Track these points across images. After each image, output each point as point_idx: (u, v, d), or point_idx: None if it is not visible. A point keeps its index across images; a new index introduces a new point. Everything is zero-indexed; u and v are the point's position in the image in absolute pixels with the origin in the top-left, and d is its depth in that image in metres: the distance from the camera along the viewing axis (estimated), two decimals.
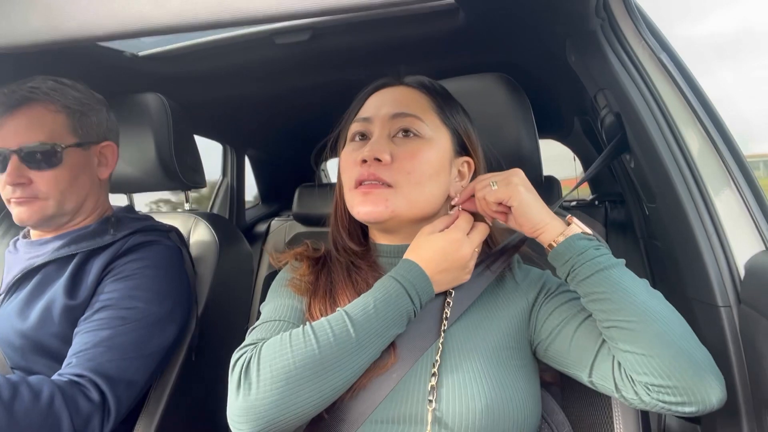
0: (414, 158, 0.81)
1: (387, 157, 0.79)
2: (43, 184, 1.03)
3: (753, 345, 0.77)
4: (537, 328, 0.82)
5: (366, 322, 0.72)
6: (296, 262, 0.91)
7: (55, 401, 0.86)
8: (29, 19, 0.52)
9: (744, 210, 0.86)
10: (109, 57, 1.37)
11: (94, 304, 1.01)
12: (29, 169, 1.02)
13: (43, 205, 1.04)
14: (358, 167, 0.81)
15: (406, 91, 0.87)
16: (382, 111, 0.84)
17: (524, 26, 1.26)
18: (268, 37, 1.34)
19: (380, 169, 0.80)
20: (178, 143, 1.29)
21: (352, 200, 0.82)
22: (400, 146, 0.82)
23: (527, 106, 1.08)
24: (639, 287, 0.72)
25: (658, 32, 1.04)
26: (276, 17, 0.49)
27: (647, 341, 0.68)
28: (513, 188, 0.77)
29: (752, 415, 0.77)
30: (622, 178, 1.98)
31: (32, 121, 1.02)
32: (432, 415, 0.71)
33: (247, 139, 2.45)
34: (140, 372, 0.99)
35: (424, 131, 0.83)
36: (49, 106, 1.04)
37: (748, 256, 0.83)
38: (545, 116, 1.66)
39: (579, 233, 0.76)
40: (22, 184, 1.02)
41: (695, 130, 0.92)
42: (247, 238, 1.54)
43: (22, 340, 1.00)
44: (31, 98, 1.03)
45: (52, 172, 1.04)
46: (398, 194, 0.80)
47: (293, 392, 0.68)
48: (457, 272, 0.79)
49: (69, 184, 1.06)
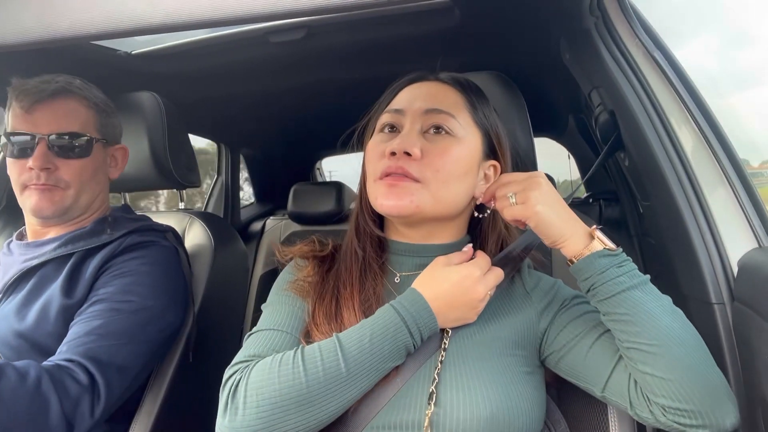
0: (444, 156, 0.79)
1: (417, 152, 0.77)
2: (67, 172, 1.05)
3: (746, 342, 0.77)
4: (549, 339, 0.81)
5: (359, 355, 0.70)
6: (301, 261, 0.90)
7: (42, 383, 0.85)
8: (21, 17, 0.52)
9: (737, 207, 0.86)
10: (103, 56, 1.36)
11: (89, 299, 1.01)
12: (56, 156, 1.04)
13: (63, 195, 1.06)
14: (385, 159, 0.79)
15: (441, 87, 0.85)
16: (415, 105, 0.82)
17: (519, 25, 1.27)
18: (262, 35, 1.34)
19: (409, 162, 0.77)
20: (172, 142, 1.28)
21: (376, 191, 0.80)
22: (432, 143, 0.80)
23: (522, 105, 1.08)
24: (662, 309, 0.71)
25: (652, 30, 1.04)
26: (270, 16, 0.49)
27: (668, 365, 0.68)
28: (530, 209, 0.74)
29: (745, 412, 0.77)
30: (617, 176, 1.99)
31: (69, 111, 1.06)
32: (429, 420, 0.70)
33: (241, 138, 2.44)
34: (131, 358, 0.98)
35: (456, 130, 0.81)
36: (83, 100, 1.08)
37: (742, 253, 0.83)
38: (540, 114, 1.66)
39: (601, 250, 0.73)
40: (47, 170, 1.03)
41: (689, 128, 0.92)
42: (242, 237, 1.54)
43: (19, 340, 1.00)
44: (68, 90, 1.07)
45: (79, 162, 1.07)
46: (424, 190, 0.78)
47: (277, 421, 0.67)
48: (465, 311, 0.76)
49: (90, 177, 1.09)
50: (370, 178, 0.83)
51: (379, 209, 0.80)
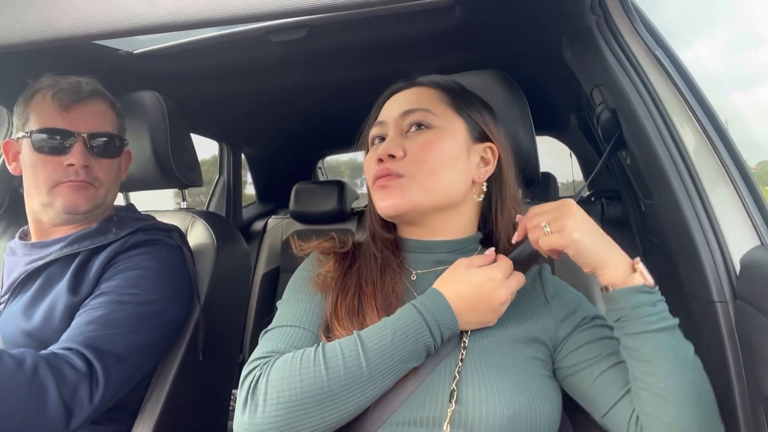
0: (426, 149, 0.82)
1: (399, 152, 0.82)
2: (101, 171, 1.09)
3: (748, 340, 0.77)
4: (563, 353, 0.81)
5: (380, 355, 0.70)
6: (322, 257, 0.91)
7: (39, 369, 0.86)
8: (22, 17, 0.52)
9: (740, 205, 0.86)
10: (104, 55, 1.36)
11: (94, 293, 1.02)
12: (91, 155, 1.07)
13: (95, 194, 1.08)
14: (375, 166, 0.84)
15: (417, 90, 0.90)
16: (393, 112, 0.87)
17: (520, 23, 1.26)
18: (263, 34, 1.34)
19: (394, 163, 0.82)
20: (174, 141, 1.28)
21: (375, 198, 0.85)
22: (411, 140, 0.84)
23: (524, 103, 1.08)
24: (684, 357, 0.70)
25: (654, 28, 1.04)
26: (272, 15, 0.49)
27: (676, 414, 0.67)
28: (567, 237, 0.71)
29: (748, 410, 0.77)
30: (618, 174, 1.99)
31: (101, 112, 1.10)
32: (450, 418, 0.70)
33: (243, 137, 2.45)
34: (131, 348, 0.98)
35: (435, 122, 0.84)
36: (110, 103, 1.13)
37: (744, 251, 0.83)
38: (542, 113, 1.66)
39: (641, 285, 0.70)
40: (86, 167, 1.06)
41: (691, 126, 0.92)
42: (244, 236, 1.54)
43: (27, 340, 1.00)
44: (99, 92, 1.11)
45: (110, 162, 1.10)
46: (413, 184, 0.81)
47: (297, 419, 0.67)
48: (486, 314, 0.75)
49: (116, 177, 1.14)
50: (370, 189, 0.88)
51: (380, 213, 0.85)
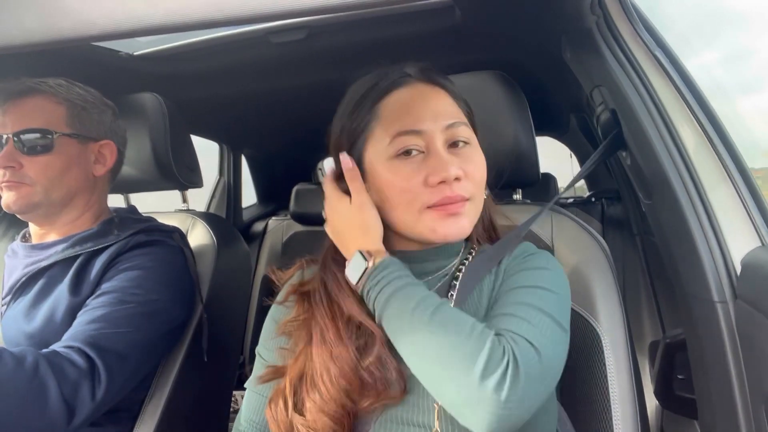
0: (477, 167, 0.78)
1: (462, 173, 0.75)
2: (32, 169, 1.05)
3: (749, 340, 0.77)
4: None
5: None
6: (291, 298, 0.86)
7: (40, 367, 0.85)
8: (22, 19, 0.52)
9: (740, 205, 0.86)
10: (105, 57, 1.37)
11: (95, 293, 1.02)
12: (22, 154, 1.04)
13: (30, 191, 1.05)
14: (430, 188, 0.74)
15: (431, 90, 0.81)
16: (432, 121, 0.76)
17: (520, 23, 1.26)
18: (263, 36, 1.34)
19: (460, 185, 0.75)
20: (174, 143, 1.28)
21: (431, 223, 0.75)
22: (461, 157, 0.77)
23: (524, 104, 1.08)
24: None
25: (654, 29, 1.04)
26: (272, 16, 0.49)
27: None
28: None
29: (749, 411, 0.77)
30: (619, 175, 1.98)
31: (32, 109, 1.06)
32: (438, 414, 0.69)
33: (243, 139, 2.45)
34: (133, 347, 0.98)
35: (470, 136, 0.80)
36: (51, 98, 1.07)
37: (745, 251, 0.83)
38: (542, 114, 1.66)
39: None
40: (11, 168, 1.03)
41: (691, 126, 0.92)
42: (245, 237, 1.54)
43: (29, 341, 1.00)
44: (35, 89, 1.06)
45: (43, 158, 1.05)
46: (473, 206, 0.78)
47: None
48: None
49: (59, 173, 1.07)
50: (408, 209, 0.76)
51: (439, 239, 0.76)
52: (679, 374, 1.05)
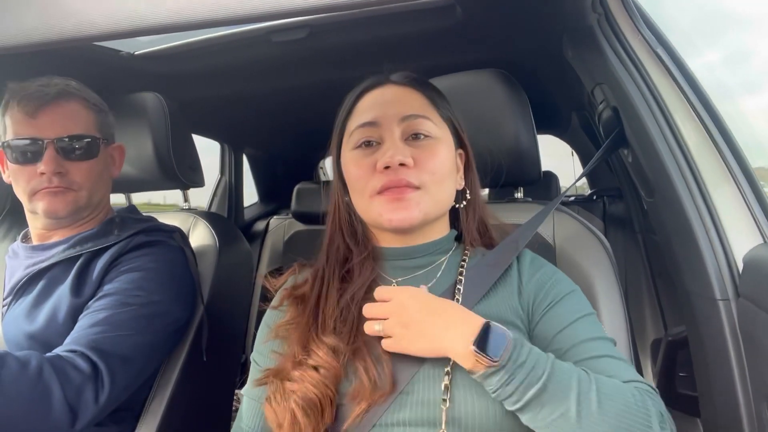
0: (434, 158, 0.80)
1: (410, 161, 0.77)
2: (78, 174, 1.06)
3: (751, 338, 0.77)
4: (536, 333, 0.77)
5: None
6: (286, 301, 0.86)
7: (43, 371, 0.86)
8: (23, 19, 0.52)
9: (742, 203, 0.86)
10: (106, 57, 1.37)
11: (97, 294, 1.02)
12: (64, 159, 1.04)
13: (76, 197, 1.06)
14: (378, 174, 0.78)
15: (404, 90, 0.85)
16: (389, 114, 0.81)
17: (521, 22, 1.26)
18: (265, 35, 1.34)
19: (407, 172, 0.77)
20: (176, 142, 1.28)
21: (379, 208, 0.79)
22: (418, 148, 0.80)
23: (525, 102, 1.08)
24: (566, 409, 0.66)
25: (655, 26, 1.04)
26: (273, 15, 0.49)
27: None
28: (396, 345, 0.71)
29: (751, 408, 0.77)
30: (620, 173, 1.98)
31: (71, 113, 1.06)
32: (446, 416, 0.69)
33: (244, 138, 2.45)
34: (136, 349, 0.98)
35: (433, 130, 0.82)
36: (83, 101, 1.09)
37: (747, 249, 0.83)
38: (543, 112, 1.66)
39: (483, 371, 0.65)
40: (60, 173, 1.04)
41: (693, 124, 0.92)
42: (246, 236, 1.54)
43: (30, 342, 1.00)
44: (68, 92, 1.07)
45: (88, 164, 1.07)
46: (426, 196, 0.78)
47: None
48: None
49: (99, 178, 1.10)
50: (362, 196, 0.81)
51: (387, 225, 0.79)
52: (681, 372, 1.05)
